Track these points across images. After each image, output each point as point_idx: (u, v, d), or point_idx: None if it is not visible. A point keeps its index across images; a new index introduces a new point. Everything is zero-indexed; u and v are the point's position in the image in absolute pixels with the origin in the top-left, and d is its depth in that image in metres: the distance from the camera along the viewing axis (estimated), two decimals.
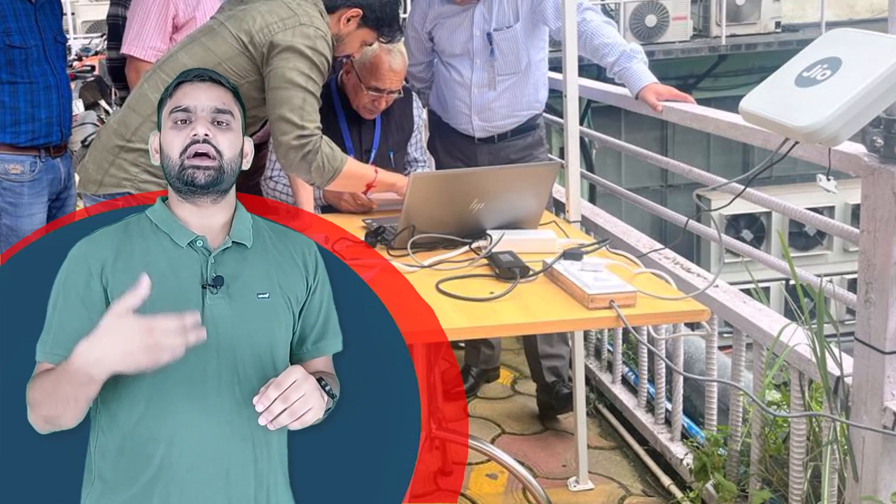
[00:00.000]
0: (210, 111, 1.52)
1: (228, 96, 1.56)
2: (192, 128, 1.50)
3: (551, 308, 1.83)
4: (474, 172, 2.40)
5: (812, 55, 1.66)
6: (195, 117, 1.51)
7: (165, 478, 1.42)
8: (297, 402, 1.34)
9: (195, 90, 1.53)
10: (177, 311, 1.42)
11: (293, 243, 1.60)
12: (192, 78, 1.55)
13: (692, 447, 2.61)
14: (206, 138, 1.49)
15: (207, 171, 1.48)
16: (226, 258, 1.50)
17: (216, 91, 1.55)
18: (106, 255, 1.46)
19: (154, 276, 1.44)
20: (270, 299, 1.51)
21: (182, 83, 1.55)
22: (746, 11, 10.98)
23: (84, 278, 1.45)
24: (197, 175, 1.48)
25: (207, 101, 1.52)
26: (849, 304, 2.05)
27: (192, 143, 1.49)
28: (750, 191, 2.17)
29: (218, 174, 1.49)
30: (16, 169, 2.80)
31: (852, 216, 8.86)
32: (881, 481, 1.77)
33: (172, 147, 1.51)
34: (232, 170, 1.52)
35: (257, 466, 1.48)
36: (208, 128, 1.50)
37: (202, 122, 1.50)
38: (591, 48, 2.83)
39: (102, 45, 6.30)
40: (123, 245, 1.48)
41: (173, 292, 1.45)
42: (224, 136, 1.52)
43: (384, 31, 2.35)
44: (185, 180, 1.48)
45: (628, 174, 10.83)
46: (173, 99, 1.54)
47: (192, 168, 1.48)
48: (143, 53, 2.89)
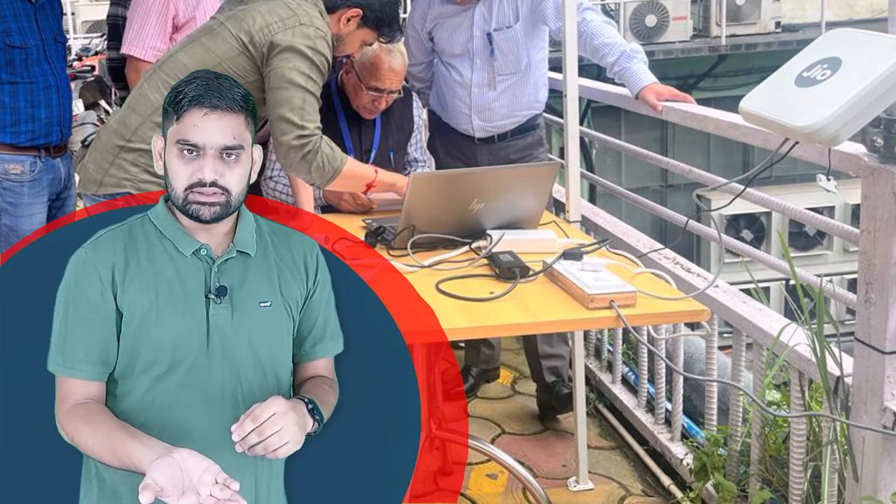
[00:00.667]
0: (219, 148, 1.43)
1: (240, 123, 1.46)
2: (198, 165, 1.42)
3: (551, 308, 1.83)
4: (474, 172, 2.40)
5: (812, 55, 1.66)
6: (203, 154, 1.43)
7: None
8: (272, 437, 1.32)
9: (206, 122, 1.42)
10: (183, 320, 1.42)
11: (295, 245, 1.59)
12: (204, 105, 1.43)
13: (692, 447, 2.61)
14: (213, 182, 1.42)
15: (213, 208, 1.44)
16: (229, 267, 1.49)
17: (228, 121, 1.44)
18: (115, 262, 1.44)
19: (161, 284, 1.44)
20: (272, 307, 1.50)
21: (191, 109, 1.43)
22: (746, 11, 10.98)
23: (97, 288, 1.42)
24: (202, 211, 1.43)
25: (218, 137, 1.43)
26: (849, 304, 2.05)
27: (198, 185, 1.43)
28: (750, 191, 2.17)
29: (224, 209, 1.45)
30: (16, 169, 2.80)
31: (852, 216, 8.86)
32: (881, 481, 1.77)
33: (177, 177, 1.44)
34: (239, 200, 1.48)
35: (257, 475, 1.48)
36: (215, 168, 1.42)
37: (210, 163, 1.42)
38: (591, 48, 2.83)
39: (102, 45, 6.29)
40: (130, 251, 1.46)
41: (181, 302, 1.44)
42: (232, 172, 1.44)
43: (384, 31, 2.35)
44: (190, 214, 1.44)
45: (628, 174, 10.83)
46: (181, 125, 1.43)
47: (196, 204, 1.43)
48: (143, 53, 2.89)
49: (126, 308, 1.43)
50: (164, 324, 1.43)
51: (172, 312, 1.43)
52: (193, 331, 1.44)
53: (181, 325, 1.43)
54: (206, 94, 1.44)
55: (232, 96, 1.45)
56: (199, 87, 1.45)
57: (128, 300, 1.43)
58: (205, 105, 1.43)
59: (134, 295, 1.43)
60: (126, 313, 1.43)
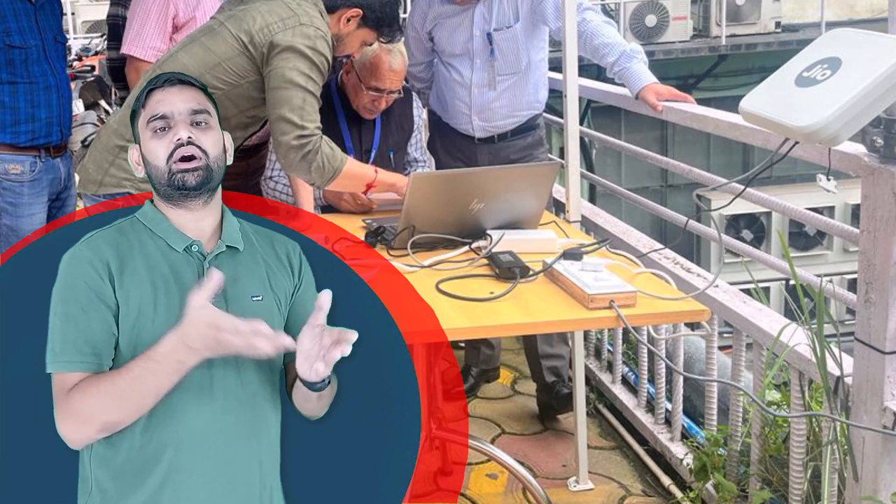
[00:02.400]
0: (187, 114, 1.52)
1: (201, 95, 1.57)
2: (173, 132, 1.51)
3: (551, 308, 1.83)
4: (474, 172, 2.40)
5: (812, 55, 1.65)
6: (174, 122, 1.51)
7: (174, 483, 1.41)
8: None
9: (168, 95, 1.53)
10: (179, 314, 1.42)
11: (277, 243, 1.62)
12: (161, 83, 1.54)
13: (692, 447, 2.61)
14: (189, 140, 1.50)
15: (196, 173, 1.50)
16: (220, 262, 1.51)
17: (188, 92, 1.55)
18: (109, 257, 1.45)
19: (157, 279, 1.45)
20: (264, 301, 1.52)
21: (152, 90, 1.54)
22: (746, 11, 10.98)
23: (94, 278, 1.43)
24: (187, 178, 1.49)
25: (182, 103, 1.53)
26: (849, 304, 2.05)
27: (177, 148, 1.50)
28: (750, 191, 2.17)
29: (206, 173, 1.51)
30: (16, 169, 2.80)
31: (852, 216, 8.86)
32: (881, 481, 1.77)
33: (157, 155, 1.51)
34: (218, 167, 1.54)
35: (262, 468, 1.49)
36: (189, 130, 1.51)
37: (182, 126, 1.51)
38: (591, 48, 2.83)
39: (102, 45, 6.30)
40: (123, 248, 1.48)
41: (177, 296, 1.44)
42: (205, 135, 1.53)
43: (384, 31, 2.35)
44: (176, 185, 1.49)
45: (628, 174, 10.83)
46: (147, 108, 1.54)
47: (180, 172, 1.49)
48: (143, 53, 2.89)
49: (123, 302, 1.43)
50: (160, 318, 1.43)
51: (169, 307, 1.44)
52: None
53: (178, 319, 1.43)
54: (162, 76, 1.57)
55: (188, 78, 1.58)
56: (154, 76, 1.59)
57: (125, 294, 1.43)
58: (163, 83, 1.55)
59: (131, 289, 1.44)
60: (123, 307, 1.43)
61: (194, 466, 1.42)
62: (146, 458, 1.41)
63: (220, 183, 1.56)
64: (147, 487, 1.41)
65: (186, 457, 1.42)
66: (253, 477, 1.47)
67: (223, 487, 1.44)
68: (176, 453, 1.41)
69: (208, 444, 1.42)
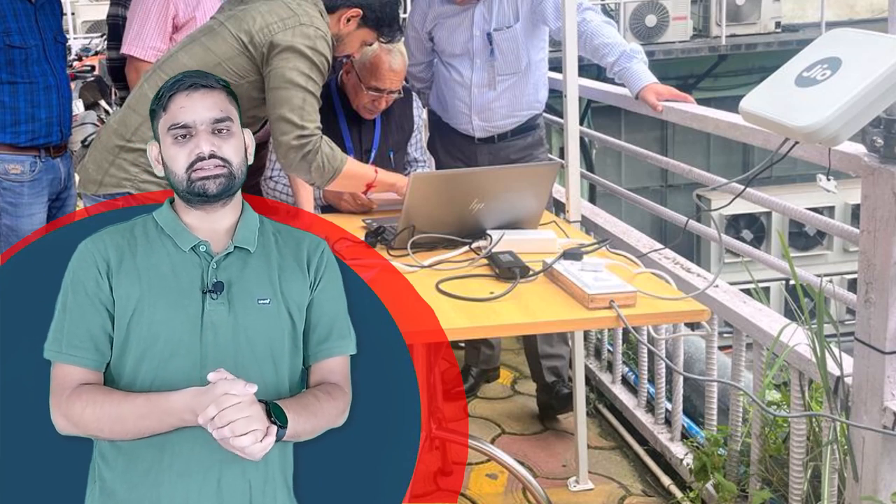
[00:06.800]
0: (209, 123, 1.51)
1: (223, 98, 1.55)
2: (194, 143, 1.49)
3: (551, 308, 1.83)
4: (474, 172, 2.40)
5: (812, 55, 1.65)
6: (195, 131, 1.50)
7: (157, 482, 1.42)
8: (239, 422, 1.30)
9: (191, 103, 1.51)
10: (174, 314, 1.43)
11: (300, 245, 1.60)
12: (185, 87, 1.52)
13: (692, 447, 2.61)
14: (212, 154, 1.49)
15: (218, 180, 1.49)
16: (227, 263, 1.50)
17: (211, 98, 1.53)
18: (110, 256, 1.47)
19: (155, 279, 1.46)
20: (271, 305, 1.50)
21: (175, 94, 1.52)
22: (746, 11, 10.98)
23: (93, 276, 1.46)
24: (208, 185, 1.49)
25: (205, 111, 1.51)
26: (849, 304, 2.05)
27: (198, 161, 1.49)
28: (750, 191, 2.17)
29: (229, 181, 1.50)
30: (16, 169, 2.80)
31: (852, 216, 8.86)
32: (881, 481, 1.77)
33: (177, 163, 1.50)
34: (241, 172, 1.53)
35: (246, 476, 1.46)
36: (211, 141, 1.50)
37: (204, 137, 1.50)
38: (591, 48, 2.83)
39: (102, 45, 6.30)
40: (127, 247, 1.49)
41: (174, 296, 1.45)
42: (227, 143, 1.52)
43: (384, 31, 2.35)
44: (197, 192, 1.49)
45: (628, 174, 10.83)
46: (169, 113, 1.52)
47: (201, 180, 1.48)
48: (143, 53, 2.89)
49: (119, 300, 1.45)
50: (155, 317, 1.44)
51: (164, 306, 1.44)
52: (185, 325, 1.44)
53: (173, 318, 1.44)
54: (186, 79, 1.54)
55: (212, 78, 1.56)
56: (178, 78, 1.55)
57: (121, 292, 1.45)
58: (186, 87, 1.53)
59: (126, 287, 1.45)
60: (118, 305, 1.45)
61: (177, 467, 1.43)
62: (135, 455, 1.43)
63: (241, 186, 1.55)
64: (135, 482, 1.43)
65: (170, 457, 1.43)
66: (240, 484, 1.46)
67: (206, 491, 1.43)
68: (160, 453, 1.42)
69: (192, 445, 1.42)
